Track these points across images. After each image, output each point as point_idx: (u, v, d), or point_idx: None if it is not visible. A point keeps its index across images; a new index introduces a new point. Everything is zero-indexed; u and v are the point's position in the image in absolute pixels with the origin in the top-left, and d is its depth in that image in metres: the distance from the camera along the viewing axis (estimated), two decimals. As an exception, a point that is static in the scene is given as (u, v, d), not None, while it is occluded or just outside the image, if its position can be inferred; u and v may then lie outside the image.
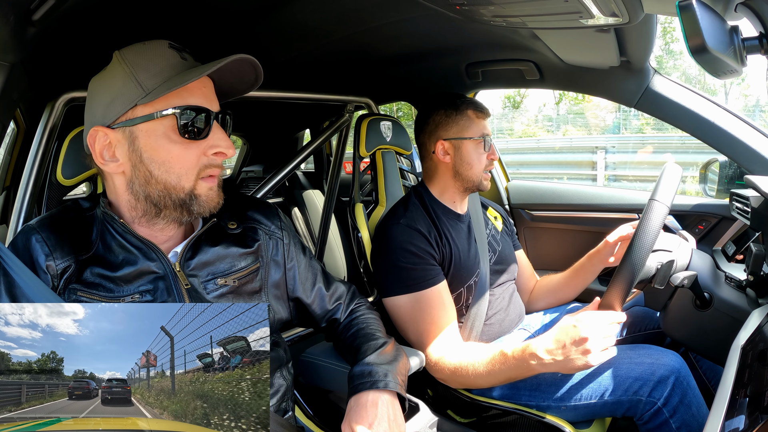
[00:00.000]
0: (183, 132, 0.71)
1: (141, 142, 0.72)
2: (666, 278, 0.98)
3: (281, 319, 0.92)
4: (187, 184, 0.74)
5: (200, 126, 0.73)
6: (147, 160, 0.72)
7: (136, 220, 0.77)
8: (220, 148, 0.74)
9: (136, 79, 0.70)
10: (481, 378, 1.02)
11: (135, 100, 0.70)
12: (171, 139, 0.72)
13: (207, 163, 0.74)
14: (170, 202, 0.74)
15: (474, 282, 1.22)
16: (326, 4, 1.04)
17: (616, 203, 1.73)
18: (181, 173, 0.73)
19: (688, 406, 0.98)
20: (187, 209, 0.75)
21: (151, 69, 0.71)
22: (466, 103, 1.24)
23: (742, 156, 1.23)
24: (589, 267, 1.30)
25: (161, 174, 0.72)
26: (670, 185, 0.90)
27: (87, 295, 0.72)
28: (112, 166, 0.74)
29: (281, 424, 0.83)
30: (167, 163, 0.72)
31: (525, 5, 0.89)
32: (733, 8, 0.67)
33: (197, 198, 0.75)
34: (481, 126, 1.24)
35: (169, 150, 0.72)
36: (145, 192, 0.73)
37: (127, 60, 0.72)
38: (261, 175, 2.66)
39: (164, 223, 0.77)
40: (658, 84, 1.30)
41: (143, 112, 0.71)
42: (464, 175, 1.24)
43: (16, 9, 0.69)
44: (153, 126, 0.71)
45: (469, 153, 1.23)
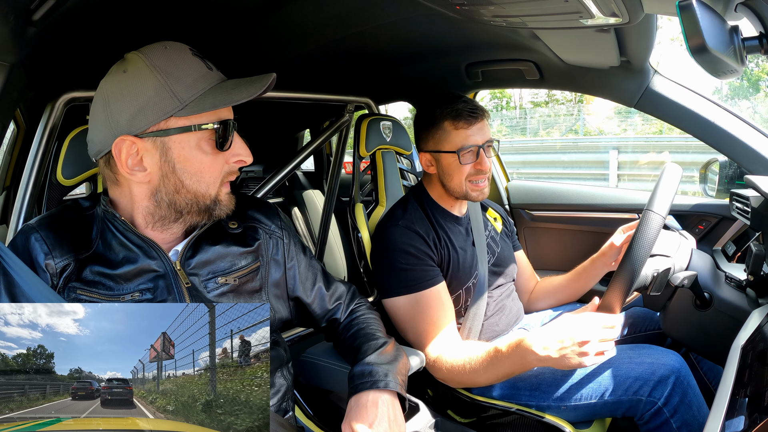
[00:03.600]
0: (217, 144, 0.74)
1: (174, 153, 0.72)
2: (662, 286, 0.99)
3: (281, 318, 0.92)
4: (213, 192, 0.77)
5: (226, 137, 0.74)
6: (180, 171, 0.73)
7: (150, 225, 0.77)
8: (242, 157, 0.77)
9: (171, 90, 0.70)
10: (478, 375, 1.02)
11: (171, 111, 0.70)
12: (203, 150, 0.73)
13: (228, 170, 0.78)
14: (196, 209, 0.76)
15: (473, 284, 1.22)
16: (326, 4, 1.04)
17: (617, 203, 1.73)
18: (209, 182, 0.75)
19: (689, 405, 0.98)
20: (209, 213, 0.78)
21: (185, 80, 0.71)
22: (444, 114, 1.16)
23: (742, 156, 1.23)
24: (592, 270, 1.30)
25: (192, 183, 0.74)
26: (668, 191, 0.90)
27: (86, 293, 0.72)
28: (139, 176, 0.73)
29: (281, 424, 0.83)
30: (199, 173, 0.74)
31: (525, 5, 0.89)
32: (733, 8, 0.67)
33: (220, 203, 0.78)
34: (461, 137, 1.15)
35: (202, 161, 0.74)
36: (172, 200, 0.75)
37: (159, 68, 0.70)
38: (261, 175, 2.66)
39: (178, 227, 0.79)
40: (658, 84, 1.30)
41: (178, 124, 0.71)
42: (448, 186, 1.22)
43: (16, 9, 0.69)
44: (187, 138, 0.72)
45: (448, 165, 1.18)
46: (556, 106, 13.57)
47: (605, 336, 0.89)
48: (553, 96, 14.41)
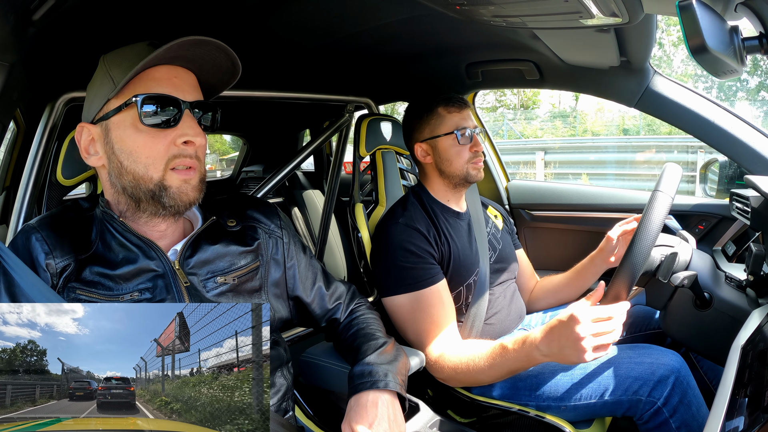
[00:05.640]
0: (146, 121, 0.71)
1: (113, 134, 0.74)
2: (669, 270, 0.98)
3: (281, 317, 0.92)
4: (156, 175, 0.73)
5: (167, 115, 0.72)
6: (118, 151, 0.74)
7: (125, 216, 0.78)
8: (188, 137, 0.73)
9: (109, 74, 0.73)
10: (482, 373, 1.01)
11: (108, 94, 0.73)
12: (137, 128, 0.72)
13: (177, 152, 0.73)
14: (142, 194, 0.74)
15: (474, 281, 1.22)
16: (327, 4, 1.04)
17: (616, 203, 1.73)
18: (148, 163, 0.73)
19: (688, 405, 0.98)
20: (159, 201, 0.74)
21: (123, 64, 0.73)
22: (437, 101, 1.25)
23: (742, 156, 1.23)
24: (591, 268, 1.30)
25: (129, 164, 0.73)
26: (673, 179, 0.90)
27: (86, 293, 0.73)
28: (93, 160, 0.77)
29: (281, 424, 0.83)
30: (134, 152, 0.73)
31: (525, 5, 0.89)
32: (733, 8, 0.67)
33: (167, 189, 0.73)
34: (455, 120, 1.23)
35: (135, 139, 0.73)
36: (121, 184, 0.75)
37: (106, 60, 0.76)
38: (261, 175, 2.66)
39: (147, 217, 0.77)
40: (658, 84, 1.30)
41: (114, 105, 0.73)
42: (447, 172, 1.25)
43: (16, 9, 0.69)
44: (122, 117, 0.73)
45: (446, 150, 1.24)
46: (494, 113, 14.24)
47: (599, 329, 0.86)
48: (502, 100, 15.01)
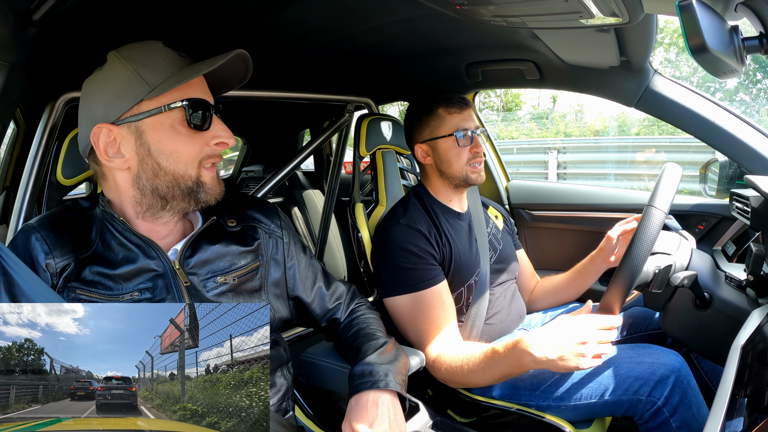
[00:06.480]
0: (190, 123, 0.74)
1: (148, 135, 0.73)
2: (663, 282, 0.98)
3: (281, 317, 0.92)
4: (193, 173, 0.76)
5: (204, 118, 0.75)
6: (155, 153, 0.74)
7: (140, 216, 0.78)
8: (222, 138, 0.78)
9: (140, 76, 0.72)
10: (476, 376, 1.02)
11: (141, 95, 0.72)
12: (177, 131, 0.74)
13: (209, 153, 0.78)
14: (179, 192, 0.76)
15: (474, 281, 1.22)
16: (326, 4, 1.04)
17: (616, 203, 1.73)
18: (187, 162, 0.76)
19: (688, 405, 0.98)
20: (195, 197, 0.77)
21: (154, 65, 0.73)
22: (438, 102, 1.24)
23: (742, 156, 1.23)
24: (591, 268, 1.30)
25: (169, 165, 0.74)
26: (669, 189, 0.90)
27: (86, 293, 0.73)
28: (117, 162, 0.75)
29: (281, 423, 0.83)
30: (175, 153, 0.75)
31: (525, 5, 0.88)
32: (733, 8, 0.67)
33: (203, 185, 0.78)
34: (455, 121, 1.22)
35: (176, 141, 0.74)
36: (153, 185, 0.75)
37: (129, 58, 0.74)
38: (261, 175, 2.66)
39: (169, 216, 0.79)
40: (658, 84, 1.30)
41: (149, 107, 0.73)
42: (447, 173, 1.25)
43: (16, 9, 0.69)
44: (160, 119, 0.73)
45: (445, 151, 1.23)
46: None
47: (603, 338, 0.89)
48: (486, 102, 15.18)
